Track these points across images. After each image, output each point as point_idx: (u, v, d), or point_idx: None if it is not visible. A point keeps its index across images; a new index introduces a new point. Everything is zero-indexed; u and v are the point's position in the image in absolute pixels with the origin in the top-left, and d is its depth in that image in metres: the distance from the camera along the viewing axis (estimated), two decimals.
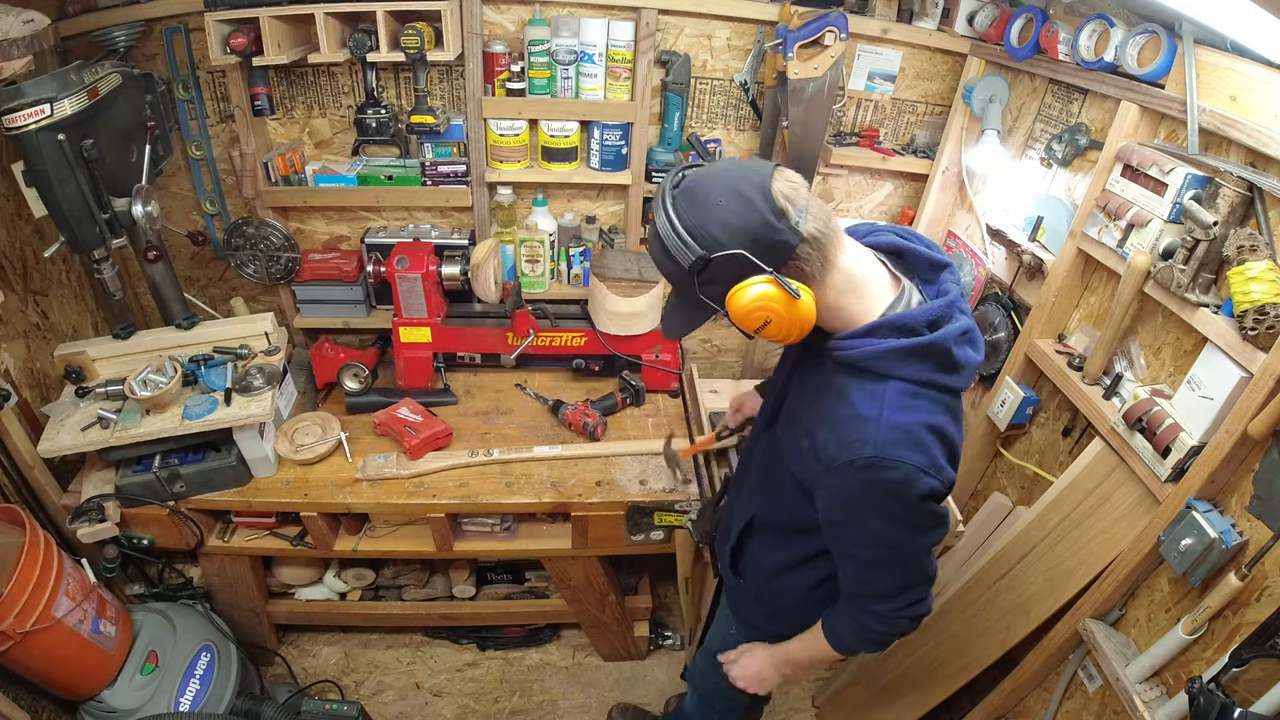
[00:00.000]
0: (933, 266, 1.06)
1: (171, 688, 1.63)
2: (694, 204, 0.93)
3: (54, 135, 1.43)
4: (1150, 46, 1.40)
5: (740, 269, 0.91)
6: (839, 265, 0.97)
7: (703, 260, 0.91)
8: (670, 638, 2.43)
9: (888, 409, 0.94)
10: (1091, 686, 1.53)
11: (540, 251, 2.18)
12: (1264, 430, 1.11)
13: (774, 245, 0.90)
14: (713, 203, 0.91)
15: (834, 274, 0.97)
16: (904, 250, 1.07)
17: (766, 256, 0.90)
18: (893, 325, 0.97)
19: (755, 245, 0.90)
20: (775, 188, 0.90)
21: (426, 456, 1.91)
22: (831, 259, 0.96)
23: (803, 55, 1.85)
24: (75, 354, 1.74)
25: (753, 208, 0.90)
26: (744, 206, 0.90)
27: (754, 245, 0.90)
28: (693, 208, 0.92)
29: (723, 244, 0.90)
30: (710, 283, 0.94)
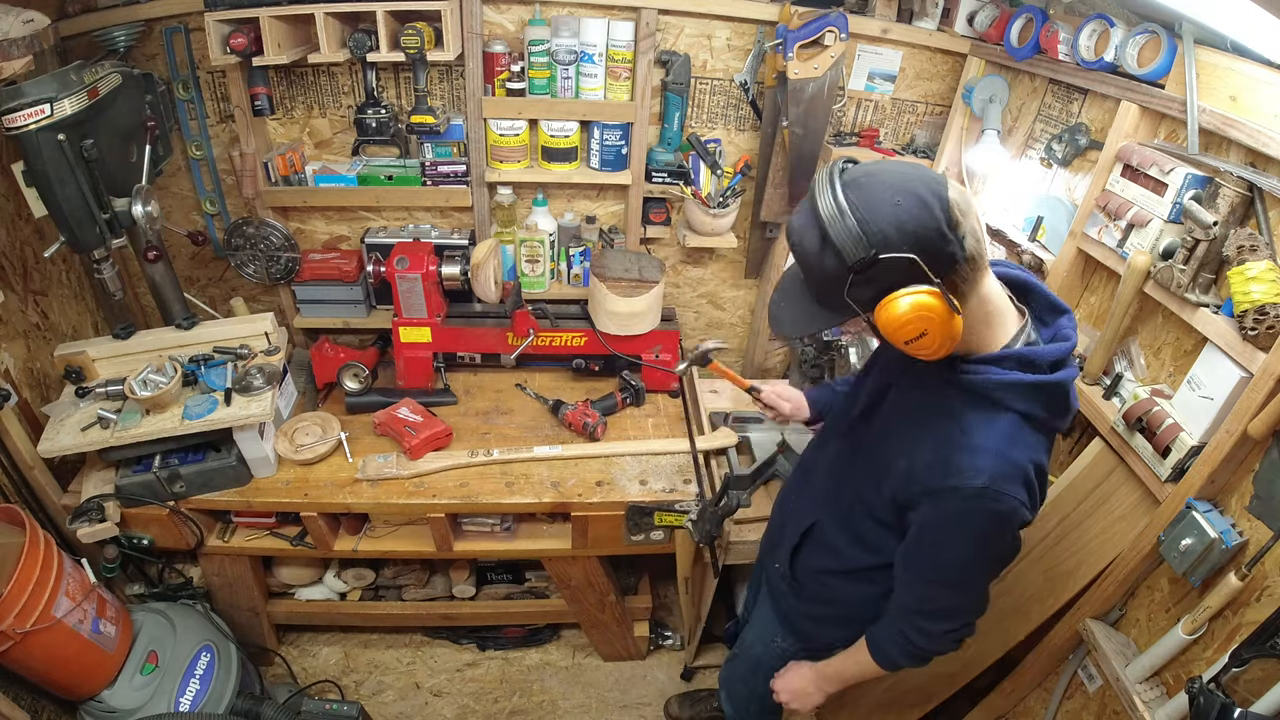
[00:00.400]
0: (1053, 309, 1.04)
1: (171, 688, 1.63)
2: (868, 198, 0.86)
3: (54, 135, 1.43)
4: (1150, 46, 1.40)
5: (903, 274, 0.86)
6: (980, 290, 0.95)
7: (870, 259, 0.85)
8: (670, 638, 2.43)
9: (1004, 442, 0.95)
10: (1091, 686, 1.53)
11: (540, 251, 2.19)
12: (1264, 430, 1.11)
13: (942, 256, 0.86)
14: (888, 199, 0.85)
15: (974, 298, 0.94)
16: (1030, 287, 1.06)
17: (935, 266, 0.86)
18: (1019, 358, 0.96)
19: (927, 253, 0.85)
20: (951, 196, 0.86)
21: (426, 456, 1.91)
22: (979, 282, 0.93)
23: (803, 55, 1.85)
24: (75, 354, 1.74)
25: (930, 213, 0.85)
26: (921, 210, 0.85)
27: (924, 252, 0.85)
28: (866, 201, 0.86)
29: (894, 244, 0.84)
30: (866, 284, 0.88)
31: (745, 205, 2.25)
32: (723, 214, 2.12)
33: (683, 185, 2.11)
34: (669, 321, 2.21)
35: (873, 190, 0.86)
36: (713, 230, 2.16)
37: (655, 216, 2.22)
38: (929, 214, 0.85)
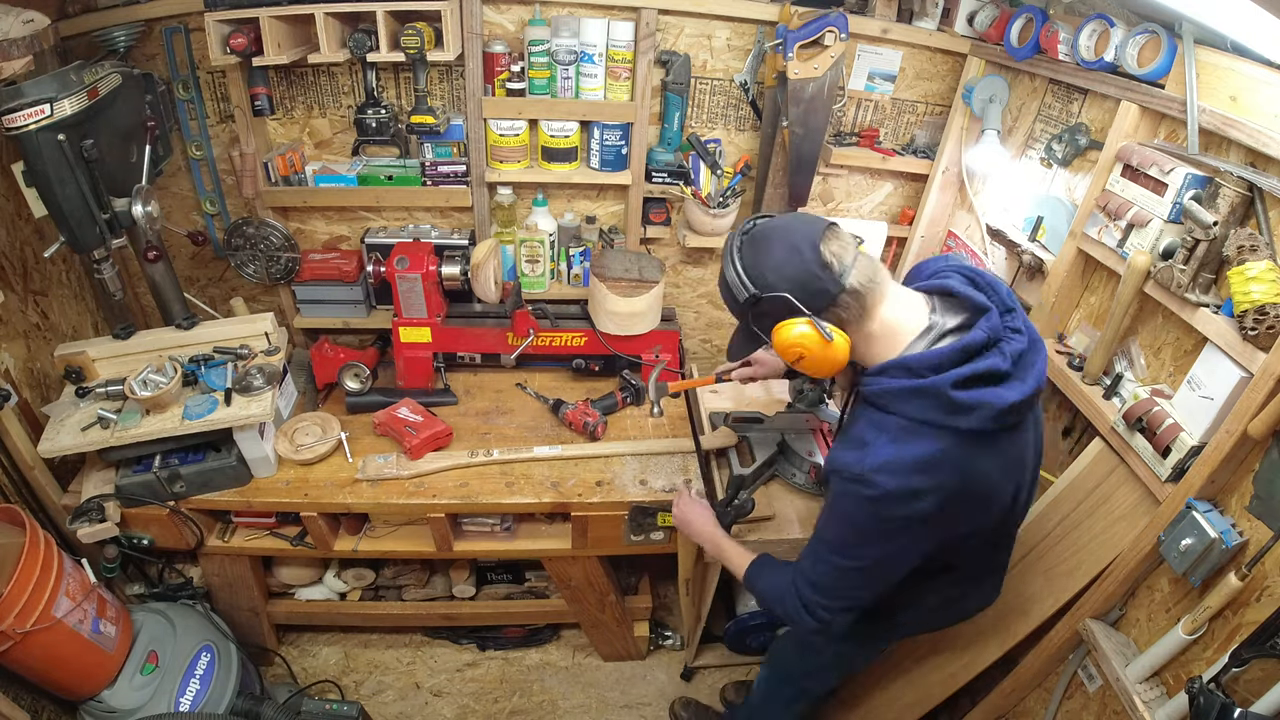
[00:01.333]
0: (974, 309, 1.10)
1: (171, 688, 1.63)
2: (755, 250, 1.09)
3: (54, 135, 1.43)
4: (1150, 46, 1.40)
5: (785, 309, 1.06)
6: (877, 315, 1.08)
7: (754, 298, 1.08)
8: (670, 638, 2.43)
9: (884, 437, 1.05)
10: (1091, 686, 1.53)
11: (540, 251, 2.18)
12: (1264, 430, 1.11)
13: (816, 292, 1.05)
14: (769, 250, 1.08)
15: (871, 322, 1.08)
16: (949, 291, 1.13)
17: (808, 301, 1.05)
18: (900, 366, 1.06)
19: (800, 290, 1.05)
20: (824, 245, 1.04)
21: (426, 456, 1.91)
22: (871, 309, 1.07)
23: (803, 55, 1.85)
24: (75, 354, 1.74)
25: (802, 258, 1.04)
26: (794, 256, 1.05)
27: (798, 290, 1.05)
28: (753, 254, 1.09)
29: (772, 286, 1.06)
30: (761, 317, 1.10)
31: (745, 205, 2.25)
32: (723, 214, 2.12)
33: (683, 185, 2.11)
34: (669, 321, 2.21)
35: (759, 244, 1.10)
36: (713, 230, 2.16)
37: (655, 216, 2.22)
38: (800, 259, 1.05)
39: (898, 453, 1.03)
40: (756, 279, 1.08)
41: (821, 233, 1.06)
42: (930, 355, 1.05)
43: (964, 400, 1.01)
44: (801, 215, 1.16)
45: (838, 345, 1.05)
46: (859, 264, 1.06)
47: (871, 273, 1.07)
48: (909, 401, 1.04)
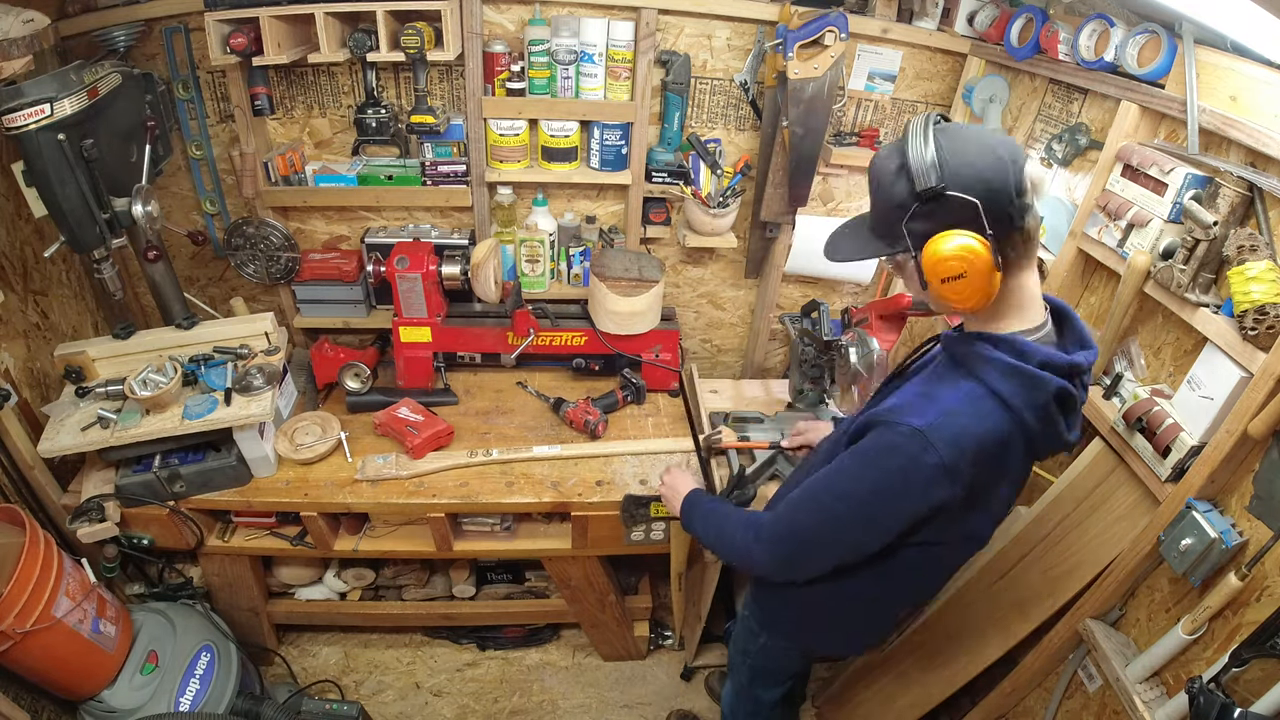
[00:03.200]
0: (1080, 342, 1.05)
1: (171, 687, 1.63)
2: (953, 141, 0.93)
3: (54, 135, 1.43)
4: (1150, 46, 1.40)
5: (963, 217, 0.92)
6: (1019, 276, 0.99)
7: (938, 190, 0.91)
8: (670, 637, 2.43)
9: (957, 402, 0.98)
10: (1091, 686, 1.53)
11: (540, 251, 2.18)
12: (1264, 430, 1.11)
13: (1003, 214, 0.92)
14: (970, 147, 0.93)
15: (1012, 280, 0.98)
16: (1067, 315, 1.08)
17: (992, 219, 0.92)
18: (1015, 344, 0.98)
19: (990, 204, 0.91)
20: (1029, 167, 0.93)
21: (426, 456, 1.91)
22: (1022, 265, 0.98)
23: (803, 55, 1.85)
24: (75, 354, 1.74)
25: (1004, 171, 0.91)
26: (997, 165, 0.91)
27: (989, 203, 0.91)
28: (951, 143, 0.93)
29: (965, 185, 0.91)
30: (925, 218, 0.95)
31: (745, 205, 2.25)
32: (723, 214, 2.12)
33: (683, 185, 2.11)
34: (669, 321, 2.21)
35: (959, 137, 0.94)
36: (713, 230, 2.16)
37: (655, 216, 2.22)
38: (1003, 171, 0.91)
39: (968, 424, 0.96)
40: (949, 171, 0.91)
41: (1026, 155, 0.93)
42: (1043, 350, 0.98)
43: (1055, 417, 0.99)
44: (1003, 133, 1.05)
45: (997, 280, 0.94)
46: (1039, 209, 0.95)
47: (1037, 225, 0.96)
48: (1006, 378, 0.97)
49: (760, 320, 2.47)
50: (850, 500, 1.07)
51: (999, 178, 0.91)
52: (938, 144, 0.93)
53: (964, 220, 0.92)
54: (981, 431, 0.97)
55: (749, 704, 1.66)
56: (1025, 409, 0.97)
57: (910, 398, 1.03)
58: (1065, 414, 1.01)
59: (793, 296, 2.43)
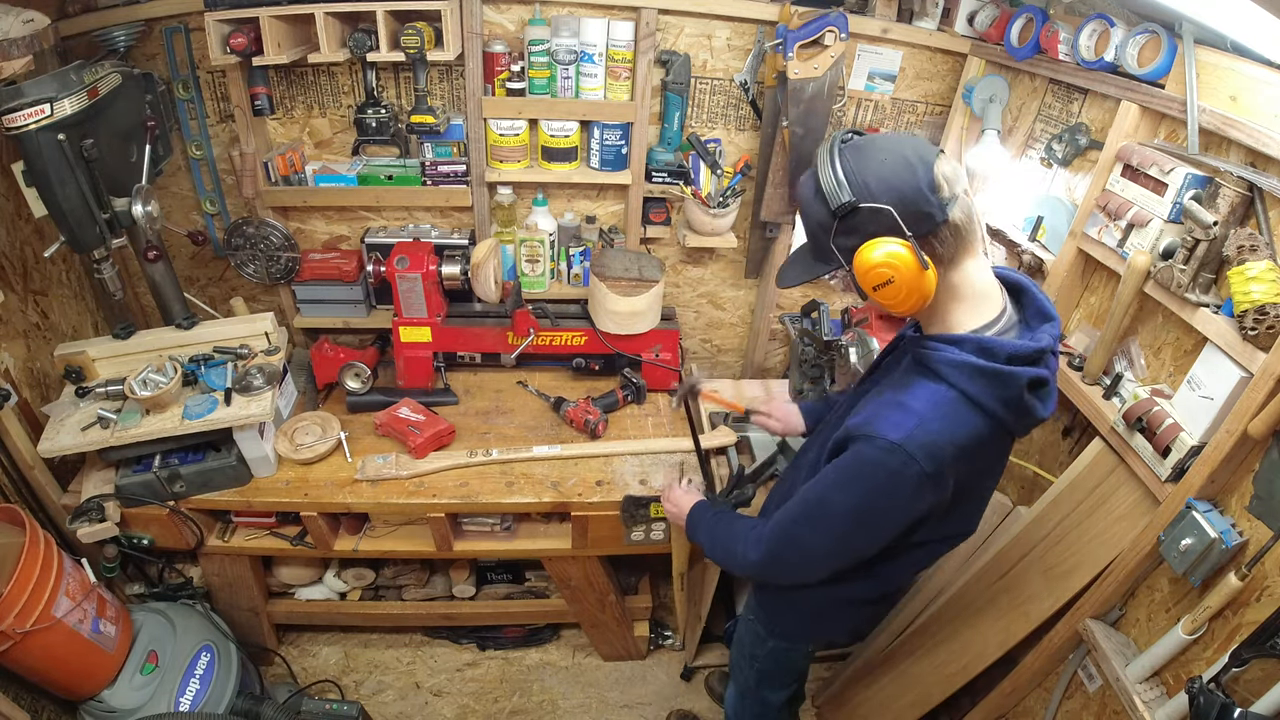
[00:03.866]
0: (1041, 316, 1.06)
1: (171, 687, 1.63)
2: (858, 156, 0.97)
3: (54, 135, 1.43)
4: (1150, 46, 1.40)
5: (881, 226, 0.94)
6: (963, 267, 1.00)
7: (850, 205, 0.95)
8: (670, 637, 2.43)
9: (932, 410, 0.98)
10: (1091, 686, 1.53)
11: (540, 251, 2.18)
12: (1264, 430, 1.11)
13: (920, 215, 0.94)
14: (876, 158, 0.96)
15: (955, 273, 1.00)
16: (1024, 289, 1.09)
17: (910, 222, 0.94)
18: (978, 344, 0.99)
19: (903, 208, 0.93)
20: (938, 165, 0.95)
21: (427, 457, 1.91)
22: (961, 256, 0.99)
23: (803, 55, 1.85)
24: (75, 354, 1.74)
25: (912, 173, 0.94)
26: (904, 169, 0.94)
27: (902, 207, 0.93)
28: (856, 159, 0.97)
29: (874, 195, 0.94)
30: (848, 233, 0.98)
31: (745, 205, 2.25)
32: (723, 214, 2.12)
33: (683, 185, 2.11)
34: (669, 321, 2.21)
35: (865, 151, 0.97)
36: (713, 230, 2.16)
37: (655, 216, 2.22)
38: (910, 173, 0.94)
39: (944, 431, 0.97)
40: (856, 186, 0.95)
41: (936, 153, 0.97)
42: (1010, 345, 0.98)
43: (1028, 403, 0.99)
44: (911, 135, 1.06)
45: (930, 278, 0.95)
46: (963, 200, 0.97)
47: (970, 213, 0.98)
48: (974, 380, 0.98)
49: (760, 320, 2.47)
50: (842, 515, 1.08)
51: (908, 181, 0.93)
52: (845, 162, 0.97)
53: (884, 228, 0.95)
54: (958, 435, 0.99)
55: (756, 706, 1.67)
56: (998, 406, 0.98)
57: (884, 408, 1.03)
58: (1039, 397, 1.02)
59: (793, 296, 2.43)
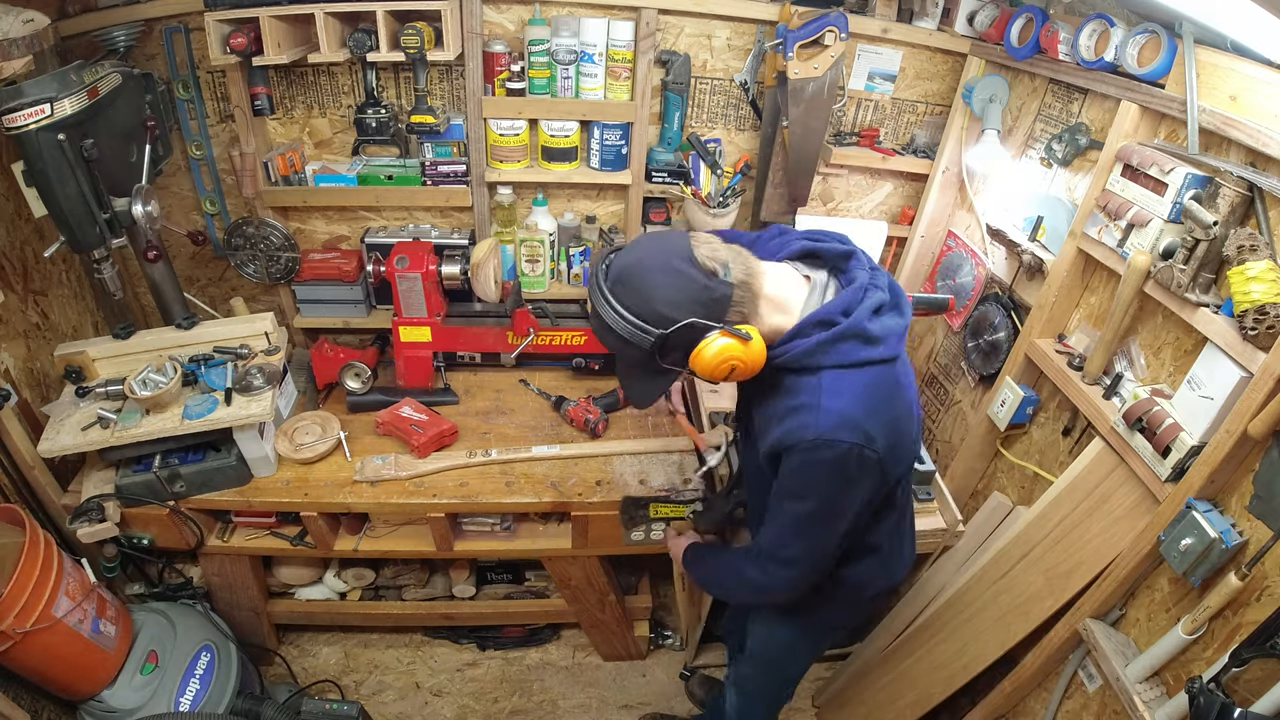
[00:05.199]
0: (842, 257, 1.15)
1: (171, 687, 1.63)
2: (635, 291, 1.04)
3: (54, 135, 1.43)
4: (1150, 46, 1.40)
5: (694, 333, 1.03)
6: (765, 293, 1.10)
7: (661, 338, 1.03)
8: (670, 637, 2.43)
9: (824, 396, 1.05)
10: (1091, 686, 1.53)
11: (540, 251, 2.18)
12: (1264, 430, 1.11)
13: (714, 302, 1.03)
14: (652, 284, 1.03)
15: (764, 303, 1.10)
16: (815, 250, 1.18)
17: (712, 314, 1.03)
18: (814, 323, 1.08)
19: (701, 309, 1.03)
20: (699, 254, 1.03)
21: (427, 457, 1.91)
22: (759, 292, 1.09)
23: (803, 55, 1.85)
24: (75, 354, 1.74)
25: (689, 278, 1.02)
26: (678, 279, 1.02)
27: (700, 309, 1.02)
28: (635, 295, 1.03)
29: (673, 319, 1.02)
30: (670, 352, 1.06)
31: (745, 205, 2.25)
32: (723, 214, 2.12)
33: (683, 185, 2.11)
34: None
35: (636, 281, 1.04)
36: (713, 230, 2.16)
37: (655, 216, 2.22)
38: (687, 280, 1.02)
39: (844, 405, 1.04)
40: (653, 318, 1.02)
41: (688, 244, 1.05)
42: (836, 303, 1.08)
43: (878, 331, 1.07)
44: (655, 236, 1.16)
45: (756, 341, 1.06)
46: (731, 258, 1.06)
47: (744, 260, 1.08)
48: (832, 350, 1.06)
49: None
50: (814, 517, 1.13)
51: (689, 288, 1.02)
52: (626, 305, 1.03)
53: (698, 333, 1.03)
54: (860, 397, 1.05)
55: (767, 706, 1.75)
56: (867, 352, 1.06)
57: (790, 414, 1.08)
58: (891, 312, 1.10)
59: None
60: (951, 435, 2.15)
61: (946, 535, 1.90)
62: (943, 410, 2.21)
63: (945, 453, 2.16)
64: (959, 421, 2.11)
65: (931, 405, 2.26)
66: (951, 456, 2.07)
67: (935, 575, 1.96)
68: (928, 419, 2.26)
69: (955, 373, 2.14)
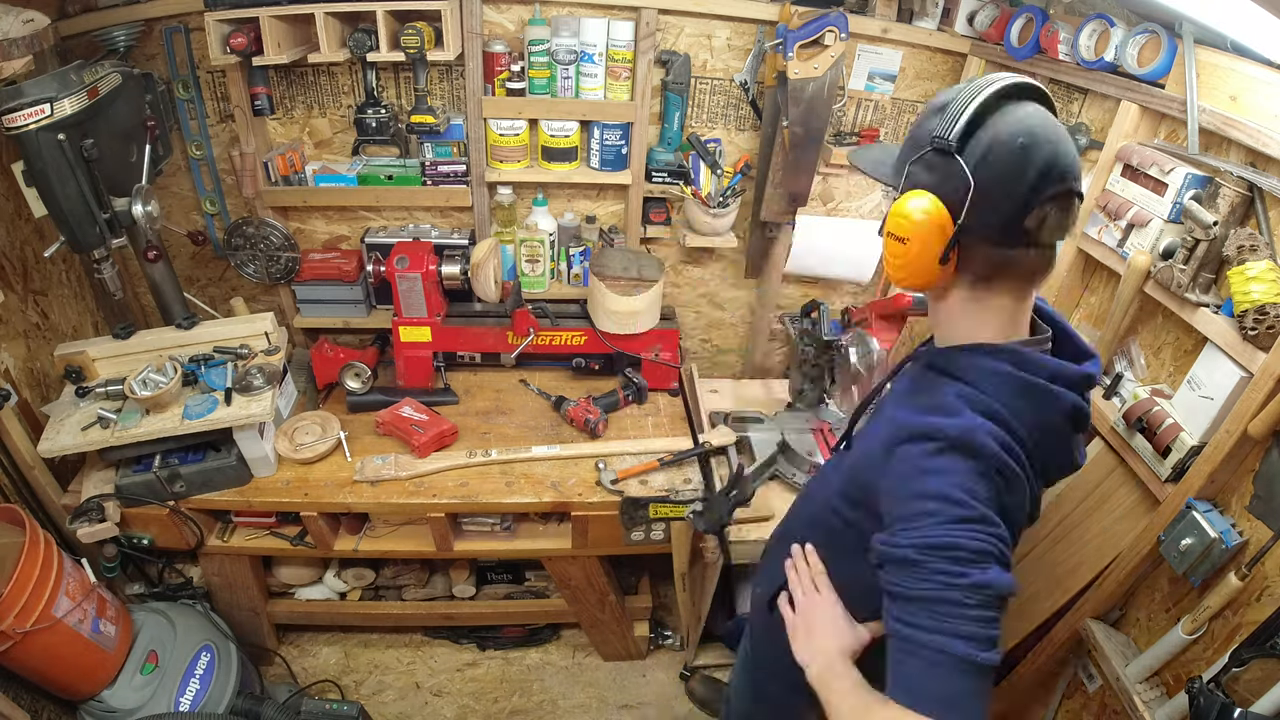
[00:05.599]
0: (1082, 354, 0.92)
1: (171, 687, 1.63)
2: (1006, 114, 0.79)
3: (54, 135, 1.43)
4: (1150, 46, 1.40)
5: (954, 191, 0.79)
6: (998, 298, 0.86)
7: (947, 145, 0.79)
8: (670, 637, 2.43)
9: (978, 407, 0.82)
10: (1091, 686, 1.53)
11: (540, 251, 2.18)
12: (1264, 430, 1.11)
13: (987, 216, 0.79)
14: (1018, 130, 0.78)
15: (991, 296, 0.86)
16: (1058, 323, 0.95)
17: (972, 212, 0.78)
18: (1015, 354, 0.84)
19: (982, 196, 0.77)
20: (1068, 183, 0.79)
21: (427, 457, 1.91)
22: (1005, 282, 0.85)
23: (803, 55, 1.85)
24: (75, 354, 1.74)
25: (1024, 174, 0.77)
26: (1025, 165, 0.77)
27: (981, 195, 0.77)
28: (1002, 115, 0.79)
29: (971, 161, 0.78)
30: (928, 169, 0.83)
31: (745, 205, 2.25)
32: (723, 214, 2.12)
33: (683, 185, 2.11)
34: (669, 320, 2.21)
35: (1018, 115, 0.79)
36: (713, 230, 2.16)
37: (655, 216, 2.22)
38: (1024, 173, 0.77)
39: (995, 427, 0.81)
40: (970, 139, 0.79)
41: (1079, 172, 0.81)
42: (1052, 361, 0.85)
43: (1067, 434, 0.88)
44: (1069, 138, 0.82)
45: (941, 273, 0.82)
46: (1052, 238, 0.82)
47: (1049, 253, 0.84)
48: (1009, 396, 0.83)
49: (760, 320, 2.47)
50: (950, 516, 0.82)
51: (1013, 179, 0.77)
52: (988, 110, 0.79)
53: (954, 194, 0.79)
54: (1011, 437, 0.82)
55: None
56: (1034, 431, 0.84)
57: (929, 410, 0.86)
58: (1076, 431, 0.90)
59: (793, 296, 2.43)
60: None
61: None
62: None
63: None
64: None
65: None
66: None
67: None
68: None
69: None
